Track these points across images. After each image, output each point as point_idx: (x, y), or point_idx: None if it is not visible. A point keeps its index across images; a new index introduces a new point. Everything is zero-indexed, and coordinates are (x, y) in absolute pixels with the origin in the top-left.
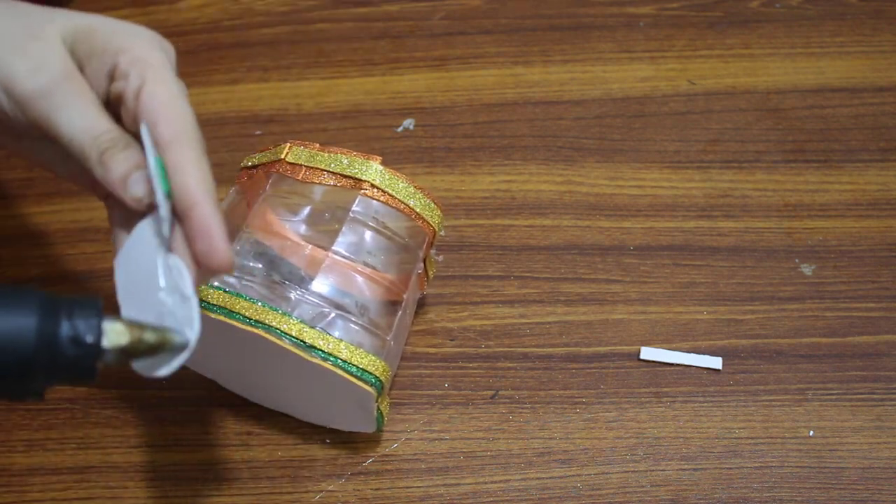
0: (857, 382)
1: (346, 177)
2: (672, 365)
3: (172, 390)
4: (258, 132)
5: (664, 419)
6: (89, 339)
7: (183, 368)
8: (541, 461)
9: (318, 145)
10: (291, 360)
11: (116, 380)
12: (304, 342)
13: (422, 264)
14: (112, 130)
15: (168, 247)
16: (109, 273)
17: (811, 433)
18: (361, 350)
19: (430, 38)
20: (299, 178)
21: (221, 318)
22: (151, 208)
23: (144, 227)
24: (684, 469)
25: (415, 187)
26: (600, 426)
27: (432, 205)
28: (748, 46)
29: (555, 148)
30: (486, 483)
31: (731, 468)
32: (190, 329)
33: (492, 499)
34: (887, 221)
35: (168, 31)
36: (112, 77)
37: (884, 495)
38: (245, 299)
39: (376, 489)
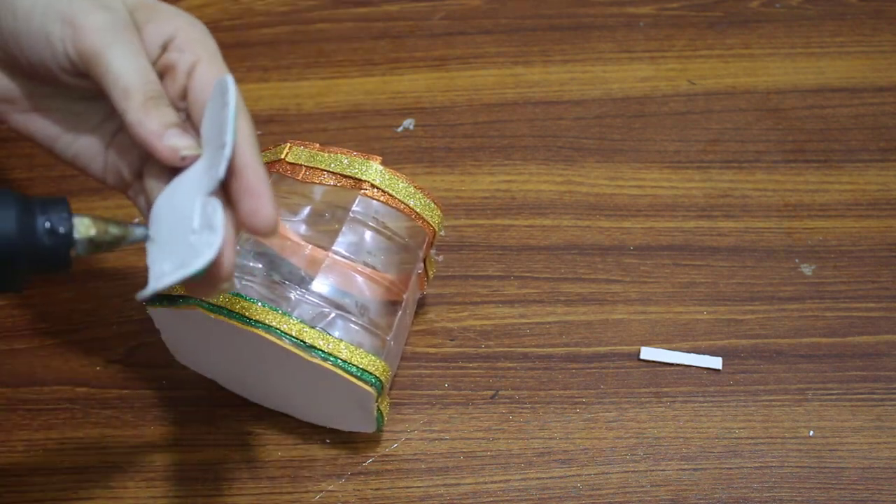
0: (857, 382)
1: (346, 177)
2: (672, 365)
3: (172, 390)
4: (258, 132)
5: (664, 419)
6: (62, 230)
7: (183, 368)
8: (541, 461)
9: (317, 145)
10: (291, 360)
11: (116, 380)
12: (304, 342)
13: (422, 264)
14: (159, 85)
15: (214, 192)
16: (110, 272)
17: (811, 433)
18: (361, 350)
19: (430, 38)
20: (299, 178)
21: (222, 318)
22: (182, 167)
23: (183, 178)
24: (684, 469)
25: (415, 187)
26: (600, 426)
27: (432, 205)
28: (748, 46)
29: (555, 148)
30: (486, 483)
31: (731, 468)
32: (204, 254)
33: (492, 499)
34: (887, 221)
35: None
36: (164, 49)
37: (884, 495)
38: (245, 299)
39: (376, 489)
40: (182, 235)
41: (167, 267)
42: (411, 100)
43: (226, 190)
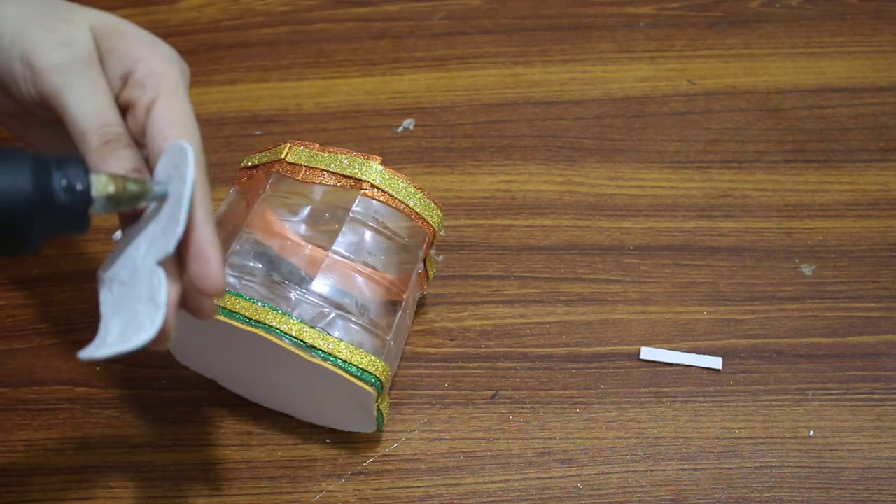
0: (857, 382)
1: (346, 177)
2: (672, 365)
3: (172, 390)
4: (258, 132)
5: (664, 419)
6: (80, 186)
7: (183, 368)
8: (541, 461)
9: (318, 145)
10: (291, 360)
11: (116, 380)
12: (304, 342)
13: (422, 264)
14: (119, 125)
15: (161, 261)
16: None
17: (811, 433)
18: (361, 350)
19: (430, 38)
20: (299, 178)
21: (222, 318)
22: (134, 214)
23: (142, 226)
24: (684, 469)
25: (415, 187)
26: (600, 426)
27: (432, 205)
28: (748, 46)
29: (555, 148)
30: (486, 483)
31: (731, 468)
32: (145, 331)
33: (492, 499)
34: (887, 221)
35: (168, 31)
36: (125, 82)
37: (884, 495)
38: (245, 299)
39: (376, 489)
40: (130, 294)
41: (113, 327)
42: (411, 100)
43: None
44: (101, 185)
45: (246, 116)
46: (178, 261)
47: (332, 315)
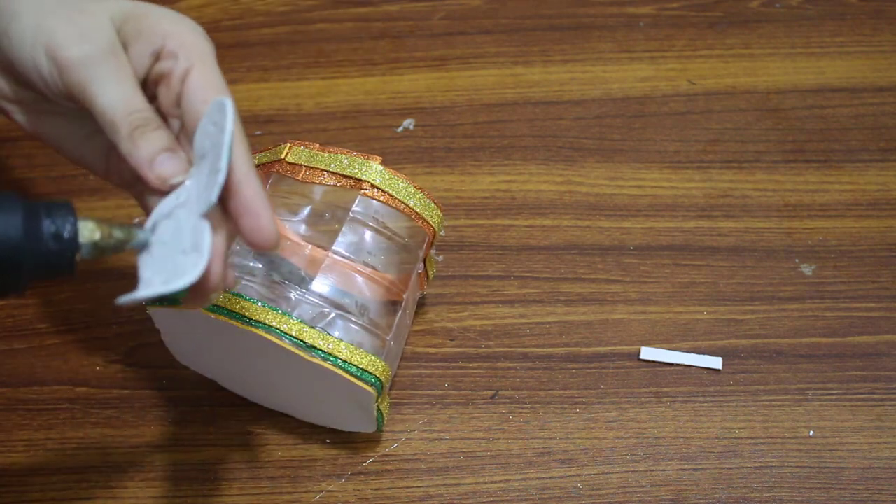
0: (857, 382)
1: (346, 177)
2: (672, 365)
3: (172, 390)
4: (258, 132)
5: (664, 419)
6: (67, 234)
7: (183, 368)
8: (541, 461)
9: (317, 145)
10: (291, 360)
11: (116, 380)
12: (304, 342)
13: (422, 264)
14: (147, 110)
15: (205, 214)
16: (109, 272)
17: (811, 433)
18: (361, 350)
19: (430, 38)
20: (299, 178)
21: (222, 318)
22: (172, 189)
23: (181, 191)
24: (684, 469)
25: (415, 187)
26: (600, 426)
27: (432, 205)
28: (748, 46)
29: (555, 148)
30: (486, 483)
31: (731, 468)
32: (188, 274)
33: (492, 499)
34: (887, 221)
35: None
36: (157, 57)
37: (884, 495)
38: (245, 299)
39: (376, 489)
40: (172, 251)
41: (156, 278)
42: (411, 100)
43: (224, 206)
44: (87, 232)
45: (246, 116)
46: (224, 215)
47: (332, 315)
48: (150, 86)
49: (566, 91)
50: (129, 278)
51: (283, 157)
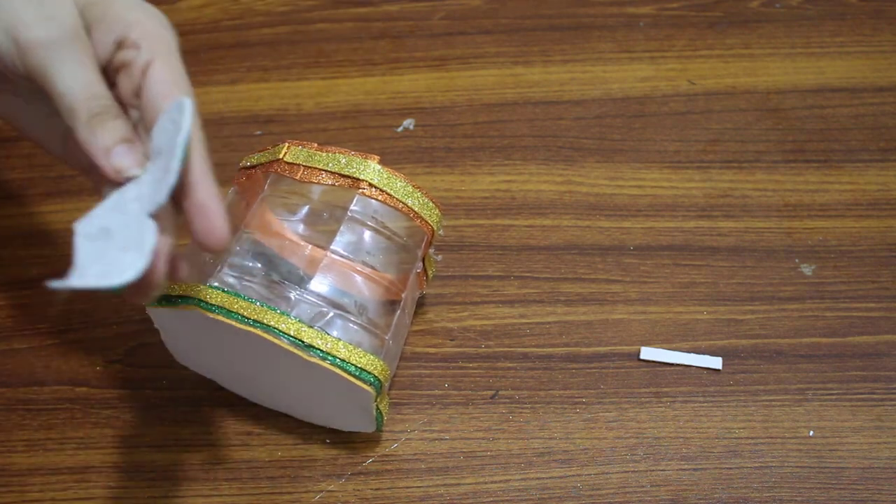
0: (857, 382)
1: (344, 176)
2: (672, 365)
3: (172, 390)
4: (258, 132)
5: (664, 419)
6: None
7: (183, 368)
8: (541, 461)
9: (315, 145)
10: (290, 360)
11: (116, 380)
12: (303, 341)
13: (421, 263)
14: (107, 97)
15: (153, 213)
16: None
17: (811, 433)
18: (360, 349)
19: (430, 38)
20: (297, 177)
21: (220, 317)
22: (128, 180)
23: (131, 185)
24: (684, 469)
25: (413, 186)
26: (600, 426)
27: (430, 204)
28: (748, 46)
29: (555, 148)
30: (486, 483)
31: (731, 468)
32: (125, 274)
33: (492, 499)
34: (887, 221)
35: None
36: (120, 45)
37: (884, 495)
38: (244, 299)
39: (376, 489)
40: (115, 244)
41: (92, 269)
42: (411, 100)
43: (177, 205)
44: None
45: (246, 116)
46: (175, 216)
47: (331, 314)
48: (110, 73)
49: (566, 91)
50: None
51: (281, 156)
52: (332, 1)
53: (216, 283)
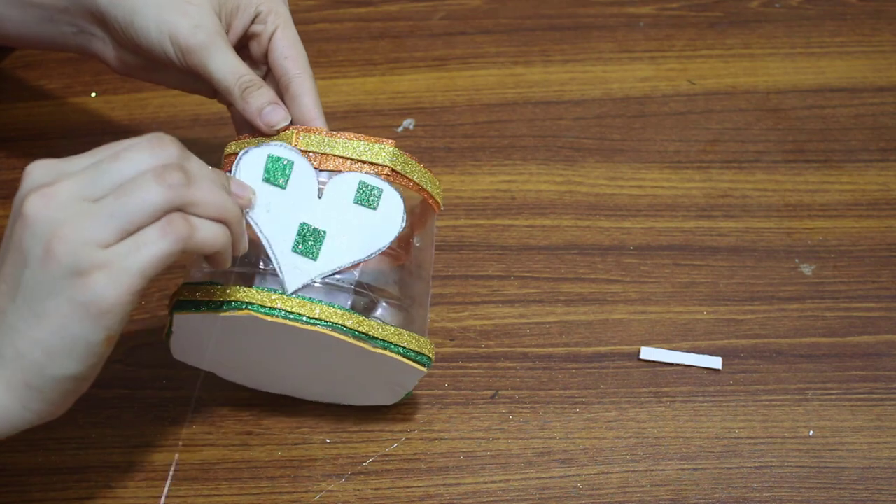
0: (857, 382)
1: (360, 161)
2: (672, 365)
3: (172, 390)
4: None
5: (664, 419)
6: None
7: (183, 368)
8: (541, 461)
9: (325, 130)
10: (340, 350)
11: (116, 380)
12: (368, 335)
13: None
14: (251, 74)
15: None
16: None
17: (811, 433)
18: (412, 333)
19: (430, 38)
20: (316, 165)
21: (280, 320)
22: (278, 133)
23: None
24: (684, 469)
25: (422, 166)
26: (600, 426)
27: (437, 181)
28: (748, 46)
29: (555, 148)
30: (486, 483)
31: (730, 468)
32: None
33: (492, 499)
34: (887, 221)
35: None
36: (253, 20)
37: (884, 495)
38: (304, 299)
39: (376, 489)
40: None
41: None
42: (411, 100)
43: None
44: None
45: None
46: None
47: (382, 304)
48: (244, 40)
49: (566, 91)
50: None
51: (293, 143)
52: (332, 1)
53: (270, 286)
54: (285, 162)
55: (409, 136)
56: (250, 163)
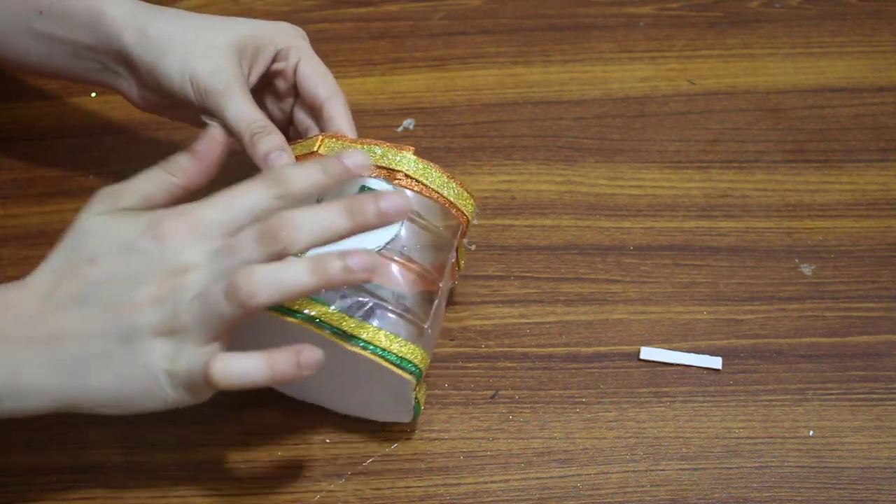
0: (857, 382)
1: (379, 167)
2: (672, 365)
3: None
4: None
5: (664, 419)
6: None
7: None
8: (541, 461)
9: (348, 137)
10: (331, 350)
11: None
12: (344, 331)
13: (454, 253)
14: (262, 120)
15: None
16: None
17: (811, 433)
18: (400, 338)
19: (430, 38)
20: None
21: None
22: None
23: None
24: (684, 469)
25: (447, 177)
26: (600, 426)
27: (465, 194)
28: (748, 46)
29: (555, 148)
30: (486, 483)
31: (730, 468)
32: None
33: (492, 499)
34: (887, 221)
35: None
36: (274, 59)
37: (884, 495)
38: None
39: (376, 489)
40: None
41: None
42: (411, 100)
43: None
44: None
45: None
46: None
47: (370, 304)
48: (268, 77)
49: (566, 91)
50: None
51: (315, 149)
52: (332, 1)
53: None
54: None
55: (409, 136)
56: None
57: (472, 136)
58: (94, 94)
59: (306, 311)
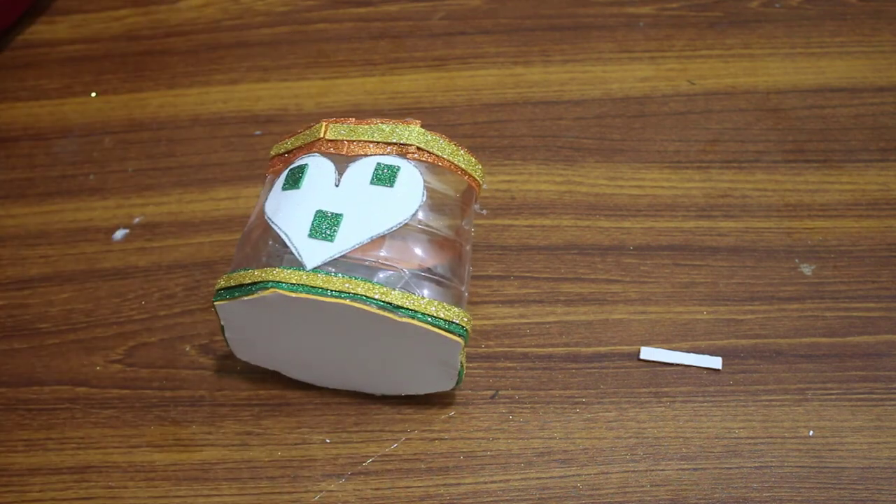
0: (857, 382)
1: (390, 144)
2: (672, 365)
3: (172, 390)
4: (258, 132)
5: (664, 419)
6: None
7: (183, 368)
8: (541, 461)
9: (353, 120)
10: (375, 326)
11: (116, 380)
12: (391, 304)
13: (471, 218)
14: None
15: None
16: (109, 272)
17: (811, 433)
18: (444, 303)
19: (430, 38)
20: (344, 152)
21: (303, 295)
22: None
23: None
24: (684, 469)
25: (455, 145)
26: (600, 426)
27: (473, 160)
28: (748, 46)
29: (555, 148)
30: (486, 483)
31: (730, 468)
32: None
33: (492, 499)
34: (887, 221)
35: (168, 31)
36: None
37: (884, 495)
38: (324, 273)
39: (376, 489)
40: None
41: None
42: (411, 100)
43: None
44: None
45: (246, 116)
46: None
47: (408, 275)
48: None
49: (566, 91)
50: (129, 278)
51: (322, 135)
52: (332, 1)
53: (288, 265)
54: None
55: None
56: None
57: (471, 136)
58: (94, 94)
59: (349, 290)
